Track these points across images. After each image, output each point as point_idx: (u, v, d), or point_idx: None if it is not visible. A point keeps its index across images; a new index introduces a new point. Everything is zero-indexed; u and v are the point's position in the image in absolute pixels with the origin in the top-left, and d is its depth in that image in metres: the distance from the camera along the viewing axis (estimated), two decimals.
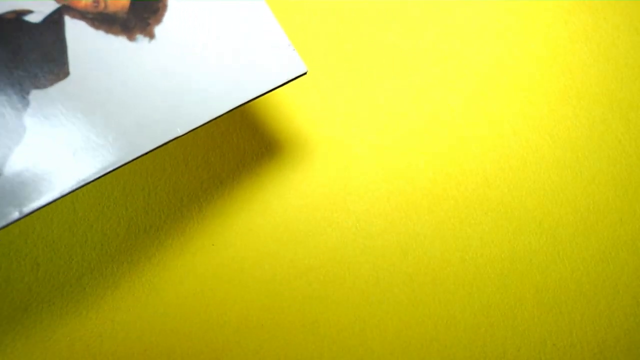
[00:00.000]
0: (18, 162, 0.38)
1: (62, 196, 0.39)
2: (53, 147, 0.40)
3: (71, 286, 0.57)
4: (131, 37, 0.45)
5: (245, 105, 0.62)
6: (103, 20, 0.45)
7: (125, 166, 0.58)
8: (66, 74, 0.42)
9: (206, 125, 0.61)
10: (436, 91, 0.77)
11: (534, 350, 0.51)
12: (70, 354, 0.55)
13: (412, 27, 0.86)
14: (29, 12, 0.44)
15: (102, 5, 0.45)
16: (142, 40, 0.45)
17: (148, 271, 0.58)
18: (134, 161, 0.55)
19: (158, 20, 0.46)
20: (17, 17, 0.43)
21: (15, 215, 0.38)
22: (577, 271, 0.57)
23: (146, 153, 0.41)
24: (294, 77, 0.46)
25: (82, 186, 0.40)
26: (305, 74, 0.47)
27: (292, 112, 0.76)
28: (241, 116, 0.66)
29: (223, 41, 0.47)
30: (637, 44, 0.82)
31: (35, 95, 0.41)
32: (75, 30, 0.44)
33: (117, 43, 0.44)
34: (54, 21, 0.44)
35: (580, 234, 0.60)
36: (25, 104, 0.40)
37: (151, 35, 0.45)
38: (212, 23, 0.47)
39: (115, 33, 0.44)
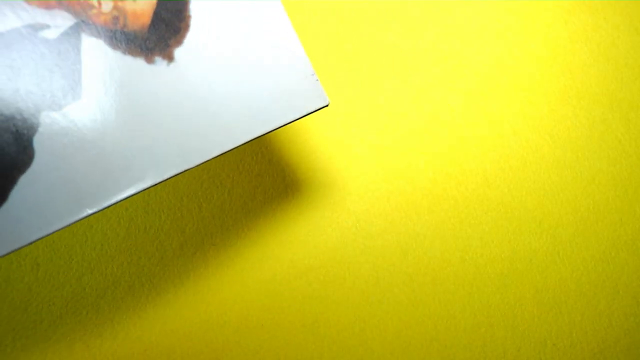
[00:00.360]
0: (23, 190, 0.37)
1: (57, 230, 0.38)
2: (60, 173, 0.38)
3: (71, 286, 0.57)
4: (149, 60, 0.43)
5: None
6: (121, 40, 0.43)
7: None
8: (79, 95, 0.41)
9: None
10: (436, 91, 0.77)
11: (534, 350, 0.51)
12: (70, 354, 0.55)
13: (412, 27, 0.86)
14: (46, 26, 0.43)
15: (121, 21, 0.43)
16: (160, 63, 0.43)
17: (148, 271, 0.58)
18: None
19: (179, 42, 0.44)
20: (32, 33, 0.42)
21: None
22: (577, 271, 0.57)
23: (151, 186, 0.39)
24: (315, 109, 0.44)
25: (76, 221, 0.38)
26: (327, 105, 0.45)
27: None
28: None
29: (245, 67, 0.45)
30: (637, 44, 0.82)
31: (45, 117, 0.39)
32: (92, 49, 0.42)
33: (134, 65, 0.42)
34: (71, 38, 0.42)
35: (580, 234, 0.60)
36: (35, 127, 0.39)
37: (170, 58, 0.43)
38: (235, 47, 0.45)
39: (134, 54, 0.43)
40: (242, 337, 0.54)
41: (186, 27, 0.45)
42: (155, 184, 0.39)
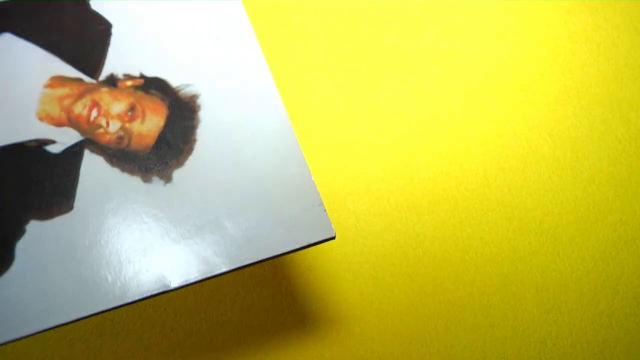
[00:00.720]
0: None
1: (23, 337, 0.36)
2: (36, 280, 0.37)
3: None
4: (146, 178, 0.42)
5: None
6: (122, 158, 0.43)
7: None
8: (70, 207, 0.40)
9: None
10: (436, 91, 0.77)
11: (534, 350, 0.51)
12: (70, 354, 0.55)
13: (412, 27, 0.86)
14: (52, 142, 0.43)
15: (125, 142, 0.44)
16: (157, 183, 0.42)
17: None
18: None
19: (180, 164, 0.43)
20: (38, 147, 0.42)
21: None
22: (577, 271, 0.57)
23: (131, 303, 0.38)
24: (318, 241, 0.41)
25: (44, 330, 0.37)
26: (333, 238, 0.42)
27: (293, 113, 0.76)
28: None
29: (247, 194, 0.42)
30: (637, 44, 0.82)
31: (33, 226, 0.39)
32: (92, 165, 0.42)
33: (129, 182, 0.42)
34: (74, 154, 0.42)
35: (580, 234, 0.60)
36: (21, 233, 0.39)
37: (168, 179, 0.42)
38: (238, 169, 0.43)
39: (131, 172, 0.42)
40: (241, 337, 0.54)
41: (190, 150, 0.44)
42: (135, 302, 0.38)
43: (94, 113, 0.44)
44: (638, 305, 0.54)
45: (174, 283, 0.37)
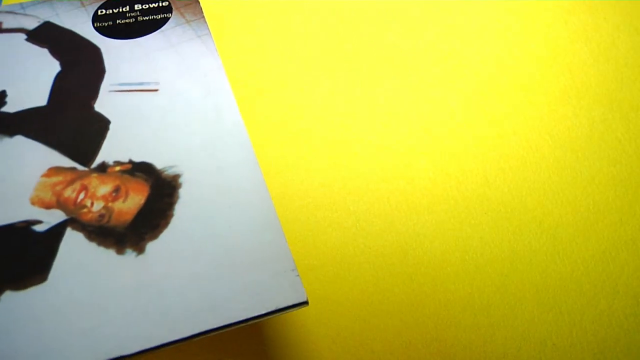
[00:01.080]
0: None
1: None
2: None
3: None
4: (120, 251, 0.44)
5: None
6: (100, 233, 0.45)
7: None
8: (44, 279, 0.42)
9: None
10: (436, 91, 0.77)
11: (534, 350, 0.51)
12: None
13: (412, 27, 0.86)
14: (39, 222, 0.45)
15: (105, 219, 0.46)
16: (129, 255, 0.43)
17: None
18: None
19: (154, 237, 0.45)
20: (27, 227, 0.45)
21: None
22: (577, 271, 0.57)
23: None
24: (289, 305, 0.40)
25: None
26: (306, 304, 0.41)
27: (293, 113, 0.76)
28: None
29: (217, 259, 0.43)
30: (637, 44, 0.82)
31: (6, 295, 0.41)
32: (71, 241, 0.44)
33: (103, 255, 0.43)
34: (57, 232, 0.44)
35: (580, 234, 0.60)
36: None
37: (140, 250, 0.44)
38: (212, 239, 0.44)
39: (107, 246, 0.44)
40: (241, 337, 0.54)
41: (165, 225, 0.46)
42: None
43: (81, 195, 0.47)
44: (638, 305, 0.54)
45: (135, 348, 0.38)
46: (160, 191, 0.48)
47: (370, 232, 0.62)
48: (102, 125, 0.54)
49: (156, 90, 0.57)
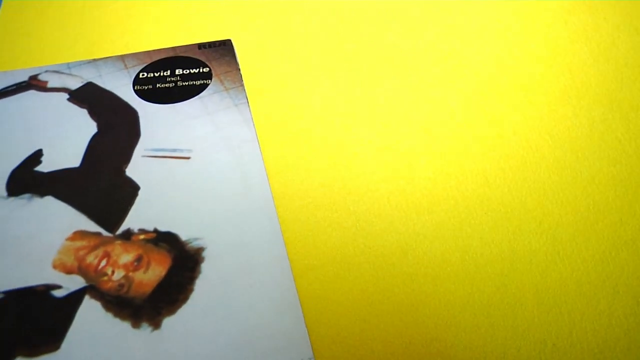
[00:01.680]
0: None
1: None
2: None
3: None
4: (136, 324, 0.44)
5: None
6: (117, 303, 0.45)
7: None
8: (57, 347, 0.42)
9: None
10: (436, 91, 0.77)
11: (534, 350, 0.51)
12: None
13: (412, 27, 0.86)
14: (59, 287, 0.46)
15: (125, 289, 0.45)
16: (145, 329, 0.43)
17: None
18: None
19: (171, 312, 0.44)
20: (46, 291, 0.45)
21: None
22: (577, 271, 0.57)
23: None
24: None
25: None
26: None
27: (294, 113, 0.76)
28: None
29: (233, 341, 0.43)
30: (637, 44, 0.82)
31: None
32: (88, 310, 0.44)
33: (118, 327, 0.43)
34: (75, 299, 0.45)
35: (580, 234, 0.60)
36: None
37: (156, 326, 0.44)
38: (230, 319, 0.44)
39: (123, 317, 0.44)
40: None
41: (184, 299, 0.46)
42: None
43: (103, 263, 0.48)
44: (638, 305, 0.54)
45: None
46: (182, 264, 0.48)
47: (370, 232, 0.62)
48: (131, 191, 0.54)
49: (188, 158, 0.57)
